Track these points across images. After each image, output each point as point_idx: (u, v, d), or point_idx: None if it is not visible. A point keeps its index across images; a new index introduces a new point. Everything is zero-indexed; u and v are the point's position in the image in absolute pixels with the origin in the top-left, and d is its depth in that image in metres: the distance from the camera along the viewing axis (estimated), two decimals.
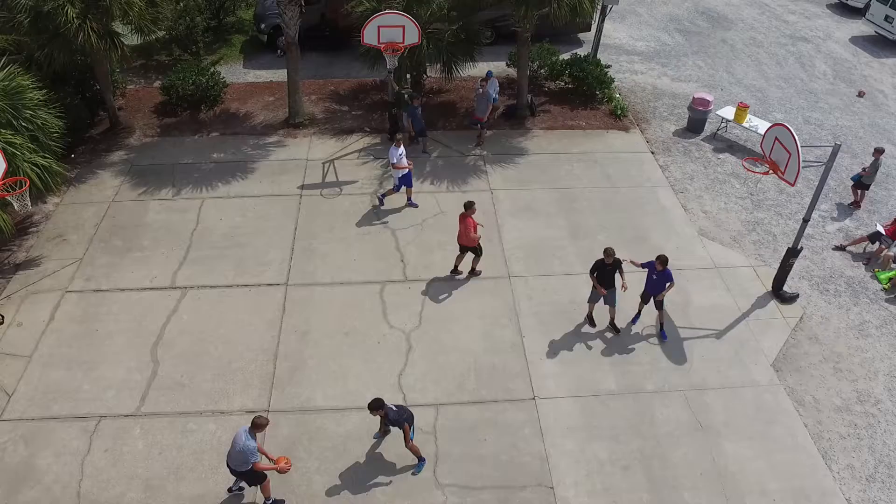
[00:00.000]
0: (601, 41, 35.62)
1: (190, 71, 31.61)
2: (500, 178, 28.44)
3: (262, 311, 22.50)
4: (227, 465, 16.82)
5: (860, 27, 43.33)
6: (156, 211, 26.14)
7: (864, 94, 36.23)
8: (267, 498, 17.53)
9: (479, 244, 23.45)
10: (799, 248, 23.31)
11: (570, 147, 30.56)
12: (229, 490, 17.88)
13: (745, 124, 31.11)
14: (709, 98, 31.49)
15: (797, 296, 24.07)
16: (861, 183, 28.04)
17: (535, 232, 25.83)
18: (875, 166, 27.29)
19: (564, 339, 22.14)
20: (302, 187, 27.54)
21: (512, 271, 24.26)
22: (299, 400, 19.93)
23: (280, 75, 33.89)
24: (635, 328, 22.57)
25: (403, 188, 26.52)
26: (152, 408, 19.65)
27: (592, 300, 22.14)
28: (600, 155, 30.10)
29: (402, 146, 25.58)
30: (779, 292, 23.98)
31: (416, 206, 26.76)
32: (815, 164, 23.37)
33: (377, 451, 18.82)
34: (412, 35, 27.49)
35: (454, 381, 20.63)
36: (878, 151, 27.39)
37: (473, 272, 24.13)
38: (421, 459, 18.53)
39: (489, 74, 30.25)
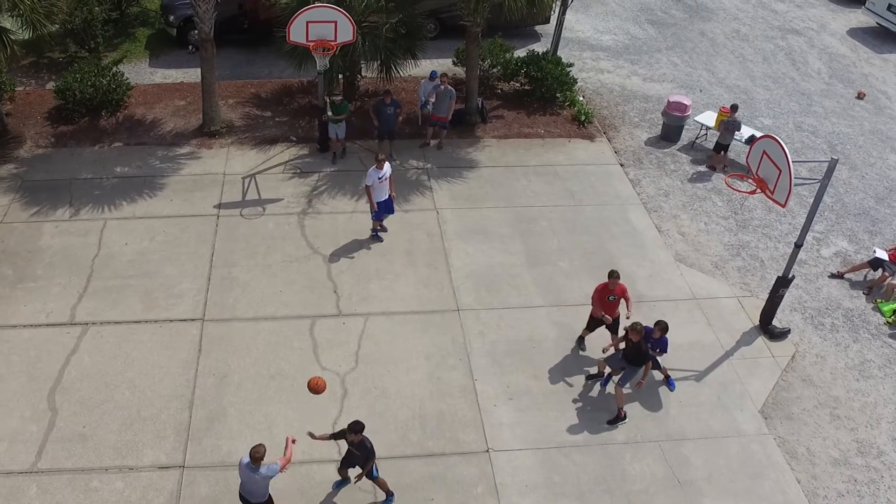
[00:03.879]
0: (562, 35, 35.98)
1: (88, 71, 31.55)
2: (447, 195, 28.79)
3: (175, 351, 22.60)
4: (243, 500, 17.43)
5: (859, 17, 44.34)
6: (51, 234, 26.12)
7: (864, 95, 37.07)
8: None
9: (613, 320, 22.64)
10: (790, 276, 23.51)
11: (526, 159, 31.00)
12: None
13: None
14: (686, 101, 31.93)
15: (788, 331, 24.47)
16: (718, 144, 30.24)
17: (487, 258, 26.15)
18: (730, 125, 29.13)
19: (522, 382, 22.39)
20: (219, 206, 27.67)
21: (461, 304, 24.57)
22: (220, 453, 20.04)
23: (192, 75, 34.14)
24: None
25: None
26: (50, 463, 19.65)
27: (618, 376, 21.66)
28: (562, 168, 30.59)
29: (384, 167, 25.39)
30: (767, 327, 24.33)
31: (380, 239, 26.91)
32: (810, 181, 23.65)
33: None
34: (346, 32, 27.70)
35: (396, 432, 20.84)
36: (733, 109, 29.72)
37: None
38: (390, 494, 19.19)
39: (434, 75, 30.36)
